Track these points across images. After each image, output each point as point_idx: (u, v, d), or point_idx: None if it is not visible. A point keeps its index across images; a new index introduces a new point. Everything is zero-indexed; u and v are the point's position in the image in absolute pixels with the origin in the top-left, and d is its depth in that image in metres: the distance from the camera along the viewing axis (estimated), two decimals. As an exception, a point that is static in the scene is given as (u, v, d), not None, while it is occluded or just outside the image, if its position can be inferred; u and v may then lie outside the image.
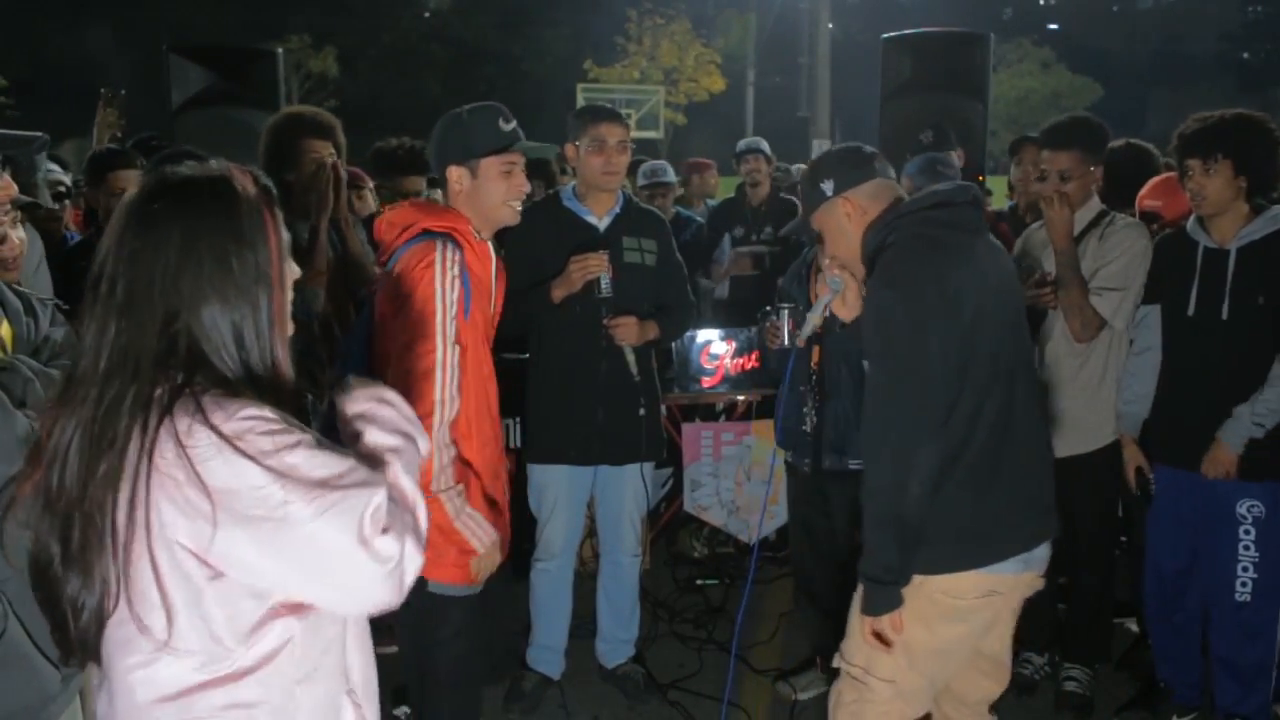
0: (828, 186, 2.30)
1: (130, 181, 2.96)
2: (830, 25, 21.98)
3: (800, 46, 25.38)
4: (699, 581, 4.51)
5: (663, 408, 4.63)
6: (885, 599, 2.14)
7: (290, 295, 1.37)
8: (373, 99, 25.47)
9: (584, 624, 3.72)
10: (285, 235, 1.36)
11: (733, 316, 5.19)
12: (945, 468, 2.10)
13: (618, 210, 3.40)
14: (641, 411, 3.38)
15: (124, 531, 1.21)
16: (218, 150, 4.12)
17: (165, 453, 1.19)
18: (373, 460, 1.30)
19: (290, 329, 1.37)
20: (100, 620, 1.26)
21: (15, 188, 2.02)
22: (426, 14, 31.86)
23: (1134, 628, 3.79)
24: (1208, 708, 3.24)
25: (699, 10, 26.46)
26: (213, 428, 1.19)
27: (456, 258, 2.36)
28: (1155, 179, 3.67)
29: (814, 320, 2.50)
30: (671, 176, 5.65)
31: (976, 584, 2.18)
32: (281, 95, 5.86)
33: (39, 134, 3.04)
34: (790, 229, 2.78)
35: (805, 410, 3.34)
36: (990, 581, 2.19)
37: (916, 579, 2.15)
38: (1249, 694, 3.06)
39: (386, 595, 1.22)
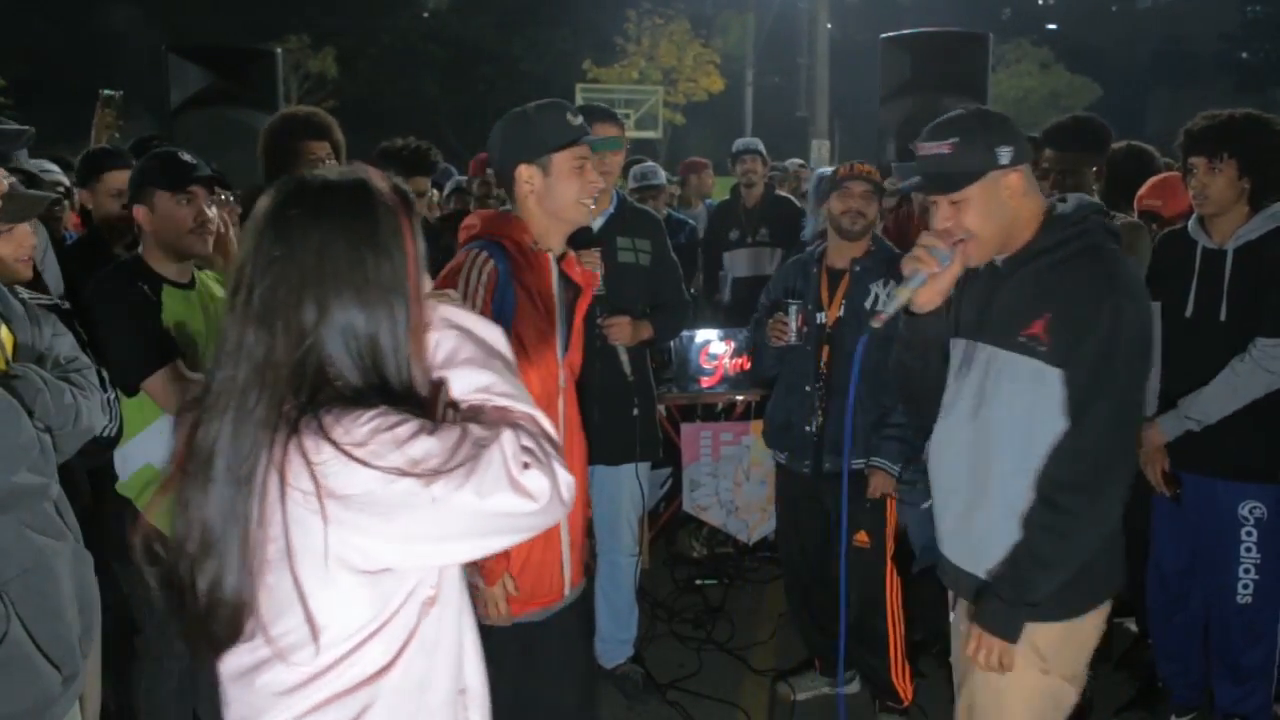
0: (1005, 153, 1.99)
1: (124, 181, 2.94)
2: (829, 25, 21.96)
3: (799, 46, 25.37)
4: (698, 581, 4.51)
5: (662, 408, 4.66)
6: (1016, 625, 2.01)
7: (426, 306, 1.33)
8: (372, 99, 25.42)
9: (583, 624, 3.72)
10: (421, 244, 1.32)
11: (732, 319, 5.20)
12: None
13: (611, 210, 3.40)
14: (636, 411, 3.38)
15: (258, 545, 1.22)
16: (216, 151, 4.14)
17: (295, 469, 1.19)
18: (477, 410, 1.31)
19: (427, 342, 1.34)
20: (233, 626, 1.26)
21: (4, 184, 2.01)
22: (425, 14, 31.81)
23: (1134, 628, 3.79)
24: (1207, 708, 3.24)
25: (698, 10, 26.44)
26: (334, 443, 1.18)
27: (489, 268, 2.25)
28: (1154, 179, 3.67)
29: (902, 298, 2.09)
30: (662, 179, 5.65)
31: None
32: (280, 95, 5.87)
33: (24, 128, 3.03)
34: (910, 186, 2.62)
35: (813, 411, 3.31)
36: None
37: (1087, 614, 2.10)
38: (1249, 694, 3.06)
39: (556, 516, 1.28)
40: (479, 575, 2.28)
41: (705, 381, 4.57)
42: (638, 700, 3.54)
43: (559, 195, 2.32)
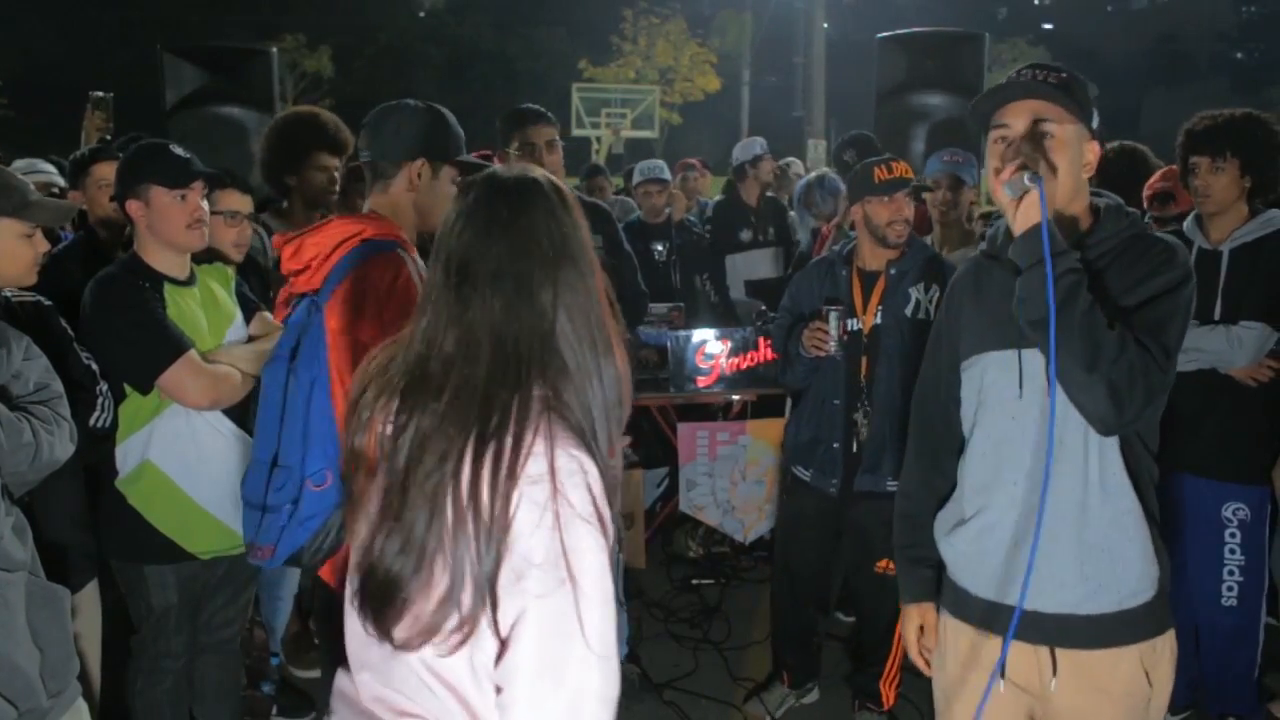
0: (1096, 119, 1.82)
1: (111, 172, 2.89)
2: (825, 25, 21.98)
3: (796, 46, 25.39)
4: (694, 581, 4.51)
5: (658, 407, 4.66)
6: None
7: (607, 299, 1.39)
8: (367, 98, 25.37)
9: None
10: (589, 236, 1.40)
11: (731, 320, 5.21)
12: None
13: None
14: None
15: (474, 532, 1.20)
16: (212, 150, 4.11)
17: (534, 465, 1.20)
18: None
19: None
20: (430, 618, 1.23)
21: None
22: (421, 14, 31.80)
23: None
24: (1199, 707, 3.25)
25: (694, 10, 26.45)
26: (570, 454, 1.21)
27: (419, 268, 2.20)
28: (1166, 168, 3.65)
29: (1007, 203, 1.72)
30: (667, 174, 5.66)
31: None
32: (276, 95, 5.85)
33: None
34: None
35: (849, 426, 3.11)
36: None
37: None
38: (1239, 694, 3.08)
39: None
40: None
41: (702, 381, 4.56)
42: (634, 700, 3.54)
43: (439, 200, 2.31)
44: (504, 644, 1.20)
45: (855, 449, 3.12)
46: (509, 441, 1.20)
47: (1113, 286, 1.76)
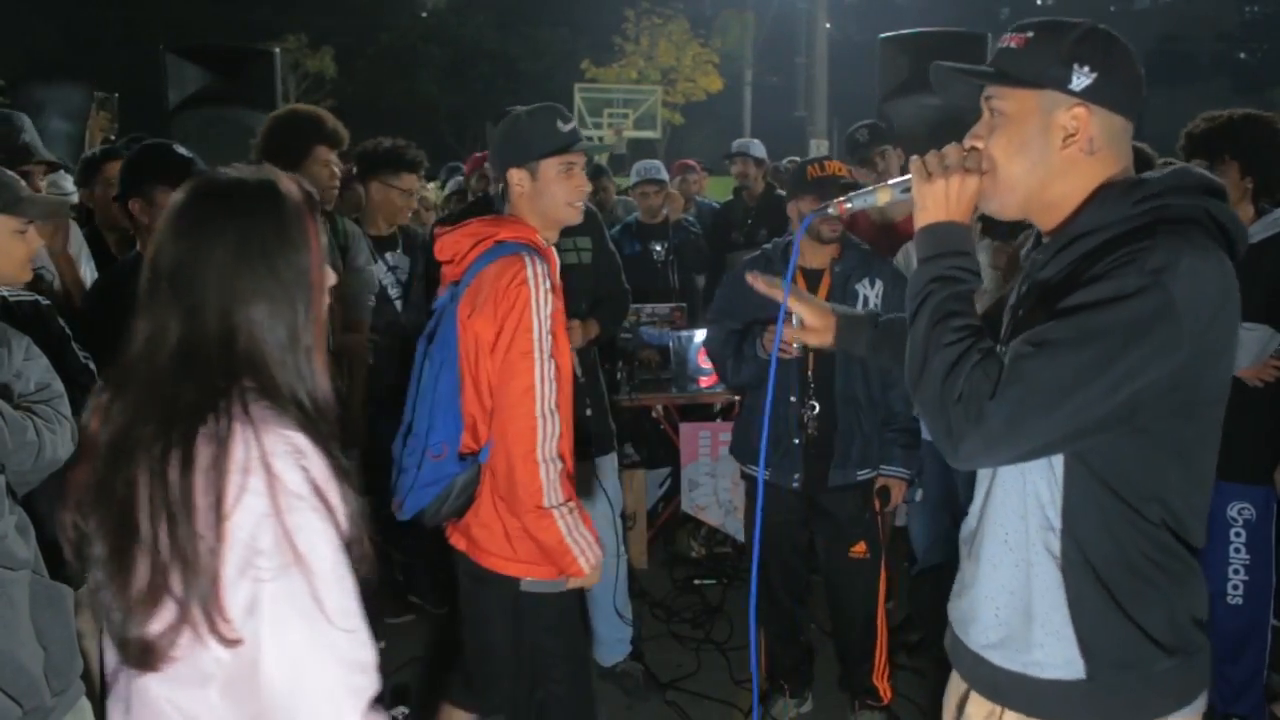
0: (1082, 76, 1.44)
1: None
2: (828, 25, 21.96)
3: (798, 46, 25.36)
4: (696, 581, 4.51)
5: (660, 408, 4.67)
6: None
7: (327, 301, 1.39)
8: (370, 99, 25.41)
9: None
10: (325, 240, 1.39)
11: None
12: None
13: None
14: (588, 411, 3.38)
15: (186, 532, 1.19)
16: (214, 150, 4.12)
17: (236, 454, 1.20)
18: None
19: (326, 334, 1.39)
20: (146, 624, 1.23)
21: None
22: (424, 14, 31.81)
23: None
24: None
25: (696, 10, 26.42)
26: (280, 434, 1.22)
27: (544, 271, 2.33)
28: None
29: (881, 197, 1.69)
30: (664, 175, 5.67)
31: None
32: (278, 95, 5.87)
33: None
34: (953, 98, 1.70)
35: (806, 422, 3.16)
36: None
37: None
38: (1244, 693, 3.07)
39: None
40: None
41: (704, 381, 4.57)
42: (638, 698, 3.54)
43: (547, 198, 2.45)
44: (242, 641, 1.20)
45: (810, 443, 3.18)
46: (204, 431, 1.20)
47: (1064, 293, 1.41)
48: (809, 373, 3.16)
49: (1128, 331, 1.33)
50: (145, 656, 1.23)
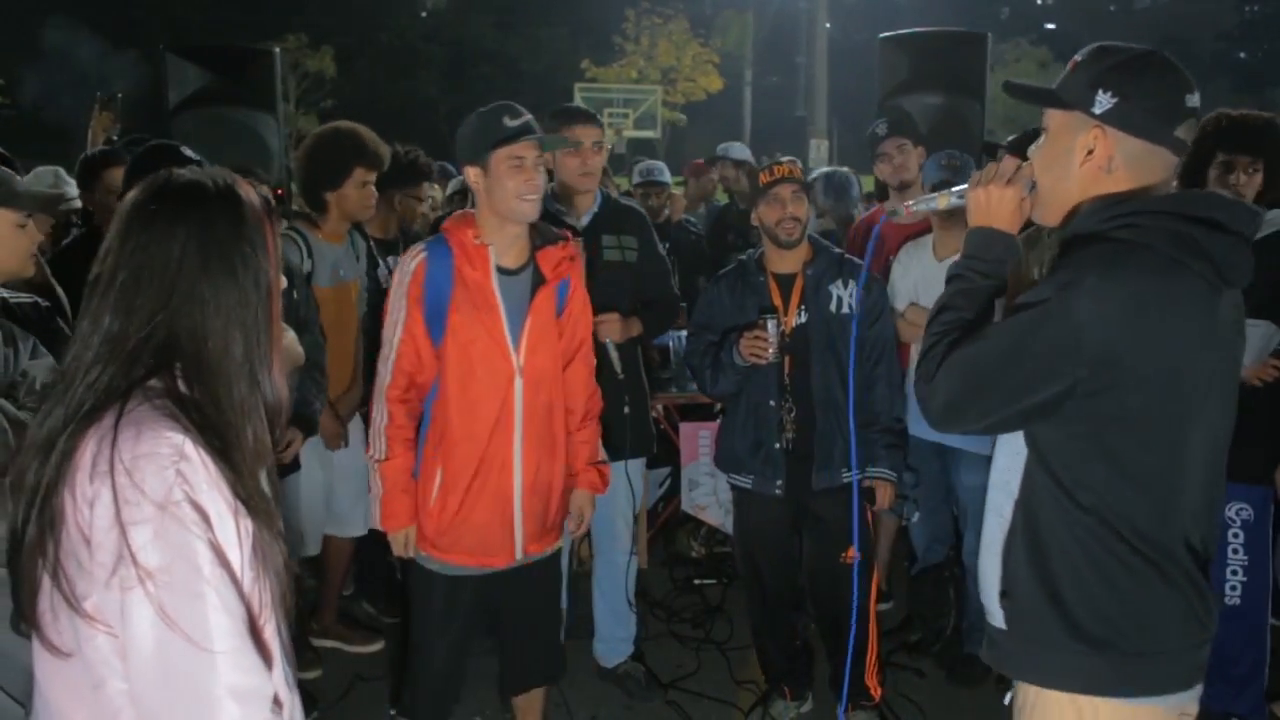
0: (1103, 100, 1.55)
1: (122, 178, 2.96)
2: (828, 25, 21.97)
3: (798, 46, 25.37)
4: (696, 581, 4.51)
5: (660, 407, 4.66)
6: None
7: (280, 306, 1.38)
8: (370, 99, 25.42)
9: (582, 624, 3.71)
10: (280, 245, 1.39)
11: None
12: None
13: (596, 209, 3.40)
14: (626, 409, 3.35)
15: (75, 526, 1.17)
16: (215, 150, 4.11)
17: (86, 458, 1.17)
18: None
19: (284, 339, 1.40)
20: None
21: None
22: (424, 14, 31.82)
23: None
24: (1203, 706, 3.24)
25: (697, 10, 26.43)
26: (162, 437, 1.18)
27: (416, 262, 2.58)
28: None
29: (939, 202, 1.92)
30: (666, 176, 5.66)
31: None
32: (279, 95, 5.86)
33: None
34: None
35: (785, 425, 3.16)
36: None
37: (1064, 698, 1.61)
38: (1242, 693, 3.08)
39: None
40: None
41: (704, 381, 4.56)
42: (640, 699, 3.54)
43: (499, 193, 2.52)
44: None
45: (790, 447, 3.17)
46: (95, 430, 1.18)
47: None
48: (786, 376, 3.16)
49: (1029, 336, 1.51)
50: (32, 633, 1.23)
